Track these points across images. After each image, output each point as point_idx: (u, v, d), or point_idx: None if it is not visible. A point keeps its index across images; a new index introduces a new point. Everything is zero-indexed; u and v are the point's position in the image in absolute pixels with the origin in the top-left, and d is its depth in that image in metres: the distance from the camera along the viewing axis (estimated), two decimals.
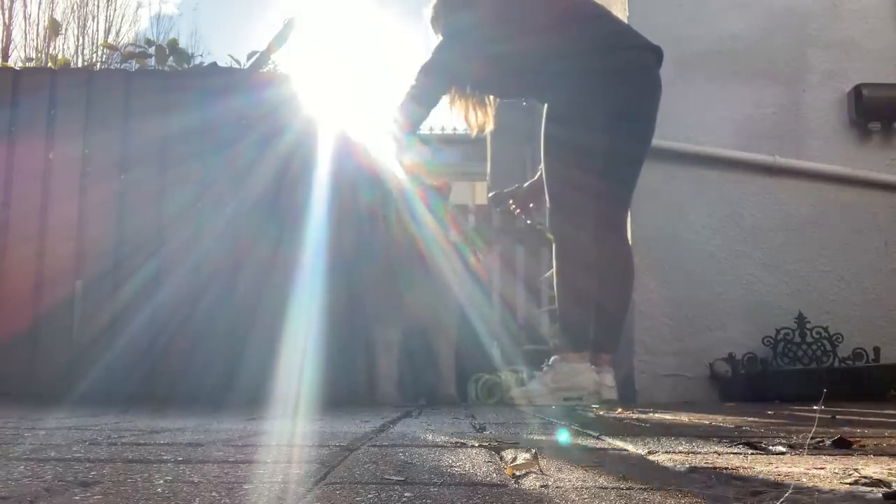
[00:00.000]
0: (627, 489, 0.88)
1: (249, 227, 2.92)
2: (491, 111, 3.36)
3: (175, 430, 1.63)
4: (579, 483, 0.92)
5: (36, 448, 1.23)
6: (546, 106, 3.05)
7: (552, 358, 2.97)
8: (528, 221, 3.89)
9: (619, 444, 1.41)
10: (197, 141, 2.99)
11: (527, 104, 5.19)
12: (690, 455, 1.20)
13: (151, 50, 3.54)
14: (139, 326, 2.84)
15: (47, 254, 2.94)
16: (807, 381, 3.22)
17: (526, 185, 3.48)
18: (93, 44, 11.47)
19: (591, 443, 1.44)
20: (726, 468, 1.04)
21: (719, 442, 1.41)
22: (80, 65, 9.28)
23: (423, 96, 3.04)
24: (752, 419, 2.14)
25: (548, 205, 3.05)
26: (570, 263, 2.92)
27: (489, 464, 1.10)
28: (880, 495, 0.79)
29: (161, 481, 0.89)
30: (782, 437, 1.50)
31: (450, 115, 3.37)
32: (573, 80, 2.95)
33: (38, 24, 11.05)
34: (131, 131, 3.03)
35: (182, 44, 3.61)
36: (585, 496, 0.83)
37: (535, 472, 0.99)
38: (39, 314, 2.90)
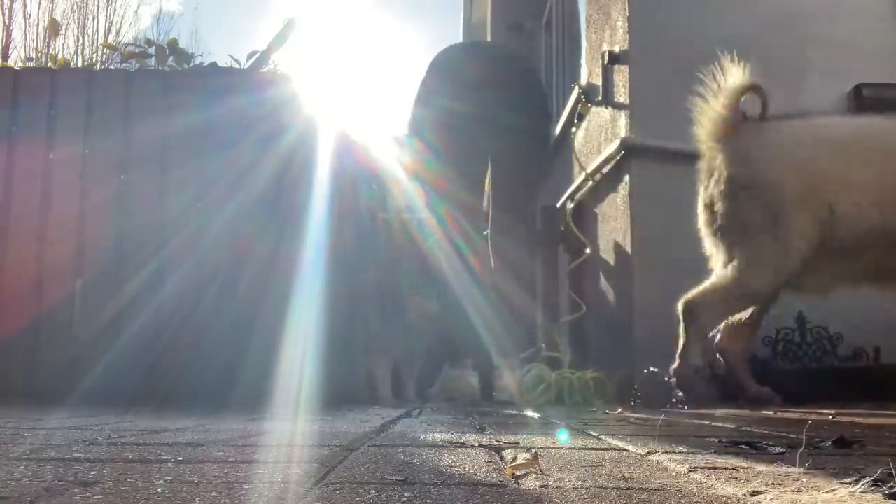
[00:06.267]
0: (627, 489, 0.88)
1: (250, 227, 2.92)
2: None
3: (175, 429, 1.63)
4: (579, 483, 0.92)
5: (36, 448, 1.23)
6: None
7: None
8: None
9: (619, 444, 1.41)
10: (197, 141, 2.99)
11: None
12: (690, 455, 1.20)
13: (151, 50, 3.53)
14: (140, 326, 2.84)
15: (48, 253, 2.94)
16: (807, 381, 3.22)
17: None
18: (93, 44, 11.47)
19: (591, 443, 1.44)
20: (726, 468, 1.04)
21: (719, 442, 1.41)
22: (80, 65, 9.27)
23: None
24: (752, 419, 2.14)
25: None
26: None
27: (489, 464, 1.10)
28: (880, 495, 0.79)
29: (161, 481, 0.89)
30: (782, 437, 1.50)
31: None
32: None
33: (38, 24, 11.06)
34: (132, 131, 3.02)
35: (182, 44, 3.61)
36: (585, 496, 0.83)
37: (535, 472, 0.99)
38: (40, 314, 2.90)
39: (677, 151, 3.63)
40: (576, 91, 4.58)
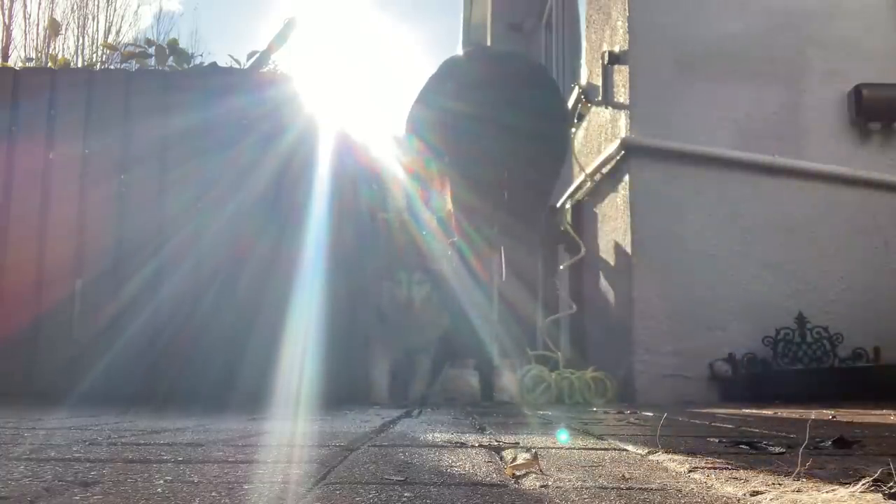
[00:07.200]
0: (627, 489, 0.88)
1: (250, 227, 2.92)
2: None
3: (175, 430, 1.63)
4: (579, 483, 0.92)
5: (36, 448, 1.23)
6: None
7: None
8: None
9: (619, 444, 1.41)
10: (197, 141, 2.99)
11: None
12: (690, 455, 1.20)
13: (151, 50, 3.53)
14: (140, 326, 2.84)
15: (47, 253, 2.94)
16: (807, 381, 3.22)
17: None
18: (93, 44, 11.46)
19: (591, 443, 1.44)
20: (726, 468, 1.04)
21: (719, 442, 1.41)
22: (80, 65, 9.27)
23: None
24: (752, 419, 2.14)
25: None
26: None
27: (489, 464, 1.10)
28: (880, 495, 0.79)
29: (161, 481, 0.89)
30: (782, 437, 1.50)
31: None
32: None
33: (38, 24, 11.05)
34: (131, 131, 3.02)
35: (182, 44, 3.61)
36: (585, 496, 0.83)
37: (535, 472, 0.99)
38: (40, 314, 2.89)
39: (677, 151, 3.63)
40: (576, 91, 4.59)
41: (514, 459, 1.12)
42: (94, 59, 10.63)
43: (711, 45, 3.76)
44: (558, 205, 4.71)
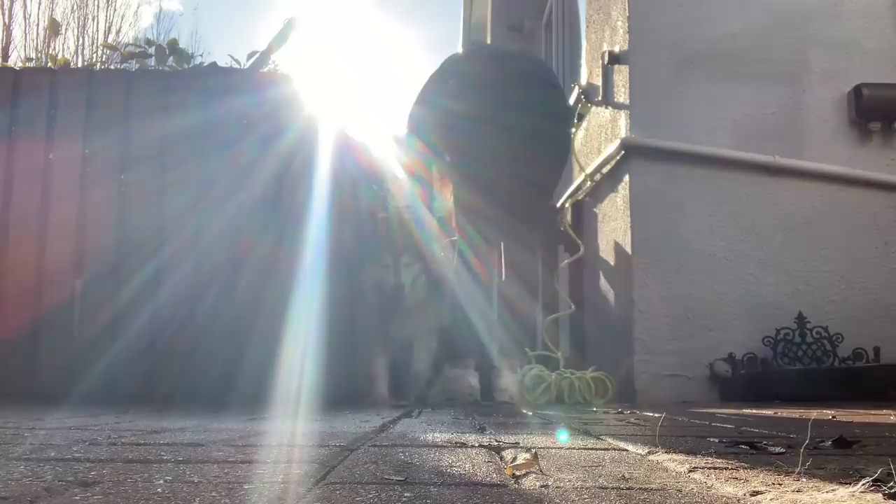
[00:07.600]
0: (627, 489, 0.88)
1: (250, 227, 2.92)
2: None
3: (175, 430, 1.63)
4: (579, 483, 0.92)
5: (36, 448, 1.23)
6: None
7: None
8: None
9: (619, 444, 1.41)
10: (197, 141, 2.99)
11: None
12: (690, 455, 1.20)
13: (151, 50, 3.54)
14: (140, 326, 2.84)
15: (47, 254, 2.94)
16: (807, 381, 3.22)
17: None
18: (93, 44, 11.47)
19: (591, 443, 1.44)
20: (726, 468, 1.04)
21: (719, 442, 1.41)
22: (80, 65, 9.27)
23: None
24: (752, 419, 2.14)
25: None
26: None
27: (489, 464, 1.10)
28: (880, 495, 0.79)
29: (161, 481, 0.89)
30: (782, 437, 1.50)
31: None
32: None
33: (38, 24, 11.05)
34: (131, 131, 3.02)
35: (182, 44, 3.61)
36: (585, 496, 0.83)
37: (535, 472, 0.99)
38: (40, 314, 2.90)
39: (677, 151, 3.63)
40: (576, 91, 4.59)
41: (514, 459, 1.12)
42: (94, 59, 10.63)
43: (711, 45, 3.76)
44: (558, 205, 4.71)
